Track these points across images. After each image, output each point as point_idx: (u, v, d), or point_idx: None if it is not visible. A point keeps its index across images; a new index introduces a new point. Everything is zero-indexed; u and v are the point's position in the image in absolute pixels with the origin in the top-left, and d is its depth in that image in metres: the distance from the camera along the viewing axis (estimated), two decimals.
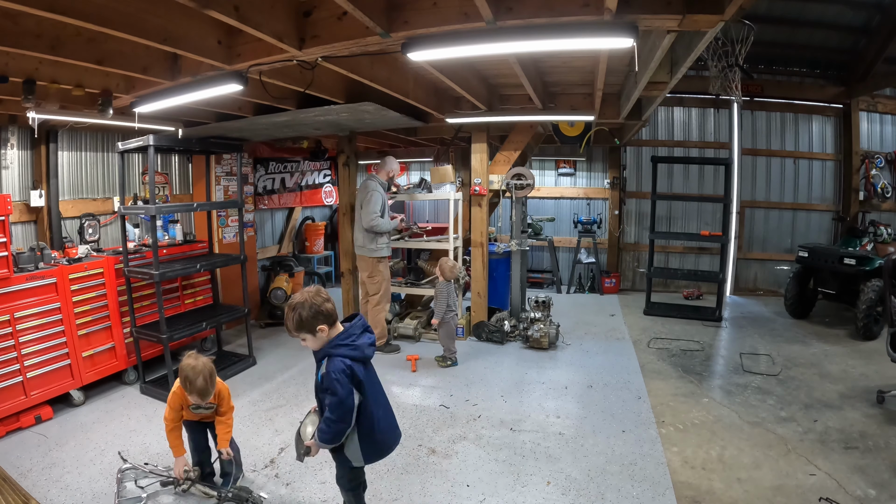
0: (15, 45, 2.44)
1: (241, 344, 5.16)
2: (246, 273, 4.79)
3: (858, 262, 5.57)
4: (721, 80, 3.92)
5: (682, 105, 7.86)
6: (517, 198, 5.61)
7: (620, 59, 3.46)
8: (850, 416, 3.68)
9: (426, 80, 4.23)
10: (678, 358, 4.98)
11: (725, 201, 6.58)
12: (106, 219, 5.09)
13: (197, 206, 4.80)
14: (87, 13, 2.11)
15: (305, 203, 7.79)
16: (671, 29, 2.35)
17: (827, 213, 7.72)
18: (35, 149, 4.54)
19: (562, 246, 8.55)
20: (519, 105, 4.85)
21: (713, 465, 3.11)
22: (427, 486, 2.92)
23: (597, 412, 3.82)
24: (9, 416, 3.48)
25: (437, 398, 4.08)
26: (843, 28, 6.86)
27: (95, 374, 4.07)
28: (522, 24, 2.30)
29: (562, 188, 8.67)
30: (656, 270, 7.01)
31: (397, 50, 2.57)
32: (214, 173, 5.95)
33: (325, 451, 2.19)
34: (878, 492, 2.77)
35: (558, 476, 2.99)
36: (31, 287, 3.65)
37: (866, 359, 4.84)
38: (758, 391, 4.17)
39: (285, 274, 6.37)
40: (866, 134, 7.51)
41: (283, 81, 3.37)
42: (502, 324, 5.49)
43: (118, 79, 3.52)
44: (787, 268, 6.86)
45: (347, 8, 2.11)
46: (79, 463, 3.12)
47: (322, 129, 5.79)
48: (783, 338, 5.58)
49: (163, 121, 4.70)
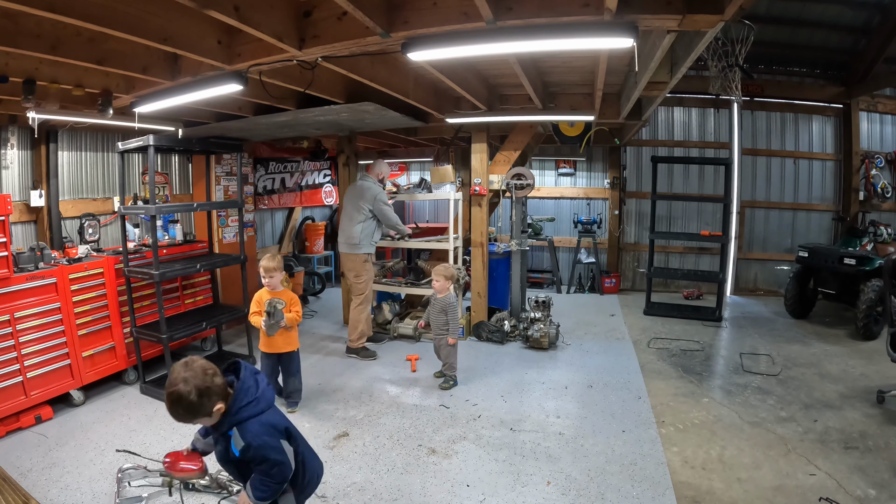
0: (15, 45, 2.44)
1: (241, 344, 5.16)
2: (246, 273, 4.79)
3: (858, 262, 5.57)
4: (721, 80, 3.91)
5: (682, 105, 7.86)
6: (517, 198, 5.61)
7: (620, 59, 3.46)
8: (850, 416, 3.68)
9: (426, 80, 4.23)
10: (678, 358, 4.98)
11: (725, 201, 6.58)
12: (106, 219, 5.09)
13: (197, 206, 4.80)
14: (87, 13, 2.12)
15: (305, 203, 7.79)
16: (671, 29, 2.35)
17: (827, 213, 7.72)
18: (35, 149, 4.54)
19: (562, 246, 8.55)
20: (519, 105, 4.85)
21: (713, 465, 3.11)
22: (427, 486, 2.92)
23: (597, 412, 3.82)
24: (9, 416, 3.48)
25: (437, 398, 4.08)
26: (843, 28, 6.86)
27: (95, 374, 4.06)
28: (522, 24, 2.30)
29: (562, 188, 8.67)
30: (656, 270, 7.01)
31: (397, 50, 2.58)
32: (214, 173, 5.96)
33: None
34: (878, 492, 2.77)
35: (558, 476, 2.99)
36: (31, 287, 3.65)
37: (866, 359, 4.84)
38: (758, 391, 4.17)
39: (285, 274, 6.36)
40: (866, 134, 7.51)
41: (283, 81, 3.37)
42: (502, 324, 5.49)
43: (118, 79, 3.52)
44: (787, 268, 6.86)
45: (347, 8, 2.11)
46: (79, 463, 3.12)
47: (322, 129, 5.79)
48: (783, 338, 5.58)
49: (163, 121, 4.70)
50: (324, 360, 4.93)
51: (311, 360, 4.94)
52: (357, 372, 4.63)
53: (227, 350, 5.10)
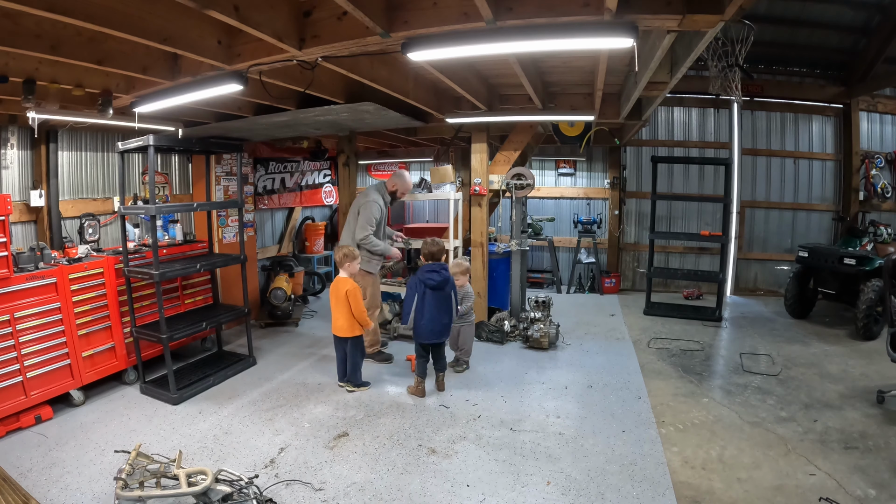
0: (15, 45, 2.44)
1: (241, 344, 5.16)
2: (246, 273, 4.79)
3: (858, 262, 5.57)
4: (721, 80, 3.91)
5: (682, 105, 7.86)
6: (517, 198, 5.61)
7: (620, 59, 3.47)
8: (850, 416, 3.69)
9: (426, 80, 4.23)
10: (678, 358, 4.98)
11: (725, 201, 6.58)
12: (106, 219, 5.09)
13: (197, 206, 4.80)
14: (87, 13, 2.12)
15: (305, 203, 7.79)
16: (671, 29, 2.35)
17: (827, 213, 7.72)
18: (35, 149, 4.54)
19: (562, 246, 8.55)
20: (519, 105, 4.85)
21: (713, 465, 3.11)
22: (427, 485, 2.92)
23: (597, 412, 3.82)
24: (9, 416, 3.48)
25: (438, 398, 4.08)
26: (843, 28, 6.86)
27: (95, 374, 4.06)
28: (522, 24, 2.30)
29: (562, 188, 8.67)
30: (656, 270, 7.01)
31: (397, 50, 2.58)
32: (214, 173, 5.95)
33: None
34: (878, 492, 2.77)
35: (558, 476, 2.99)
36: (31, 287, 3.64)
37: (866, 359, 4.84)
38: (758, 391, 4.17)
39: (285, 274, 6.37)
40: (866, 134, 7.51)
41: (283, 81, 3.37)
42: (502, 324, 5.49)
43: (118, 79, 3.52)
44: (787, 268, 6.86)
45: (347, 8, 2.11)
46: (79, 463, 3.12)
47: (322, 129, 5.79)
48: (783, 338, 5.58)
49: (163, 121, 4.71)
50: (323, 361, 4.93)
51: (309, 360, 4.94)
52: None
53: (227, 350, 5.10)
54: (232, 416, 3.77)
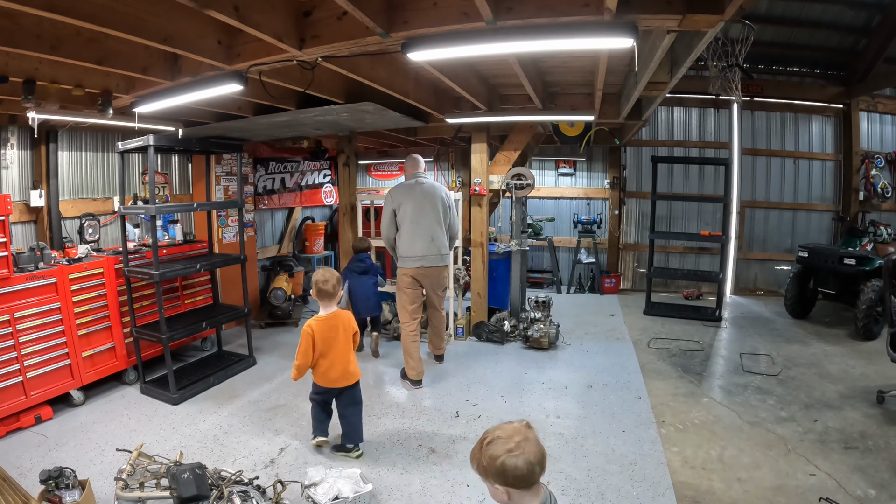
0: (15, 45, 2.44)
1: (241, 344, 5.16)
2: (246, 273, 4.79)
3: (858, 262, 5.57)
4: (721, 80, 3.92)
5: (682, 105, 7.86)
6: (517, 198, 5.61)
7: (620, 59, 3.46)
8: (850, 416, 3.69)
9: (426, 80, 4.23)
10: (678, 358, 4.98)
11: (725, 201, 6.58)
12: (106, 219, 5.09)
13: (197, 206, 4.80)
14: (87, 13, 2.11)
15: (305, 203, 7.79)
16: (671, 29, 2.35)
17: (827, 213, 7.72)
18: (35, 149, 4.54)
19: (562, 246, 8.55)
20: (519, 105, 4.85)
21: (713, 465, 3.11)
22: (427, 485, 2.91)
23: (597, 412, 3.82)
24: (9, 416, 3.48)
25: (438, 398, 4.08)
26: (843, 28, 6.86)
27: (95, 374, 4.07)
28: (522, 24, 2.30)
29: (562, 188, 8.66)
30: (656, 270, 7.01)
31: (397, 50, 2.57)
32: (214, 173, 5.95)
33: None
34: (878, 492, 2.78)
35: (558, 476, 2.99)
36: (31, 287, 3.65)
37: (866, 359, 4.84)
38: (758, 391, 4.17)
39: (285, 274, 6.37)
40: (866, 134, 7.51)
41: (283, 81, 3.37)
42: (502, 324, 5.49)
43: (118, 79, 3.52)
44: (787, 268, 6.86)
45: (347, 8, 2.11)
46: (79, 463, 3.11)
47: (322, 129, 5.79)
48: (783, 338, 5.58)
49: (163, 121, 4.70)
50: None
51: None
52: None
53: (227, 350, 5.10)
54: (232, 416, 3.77)
